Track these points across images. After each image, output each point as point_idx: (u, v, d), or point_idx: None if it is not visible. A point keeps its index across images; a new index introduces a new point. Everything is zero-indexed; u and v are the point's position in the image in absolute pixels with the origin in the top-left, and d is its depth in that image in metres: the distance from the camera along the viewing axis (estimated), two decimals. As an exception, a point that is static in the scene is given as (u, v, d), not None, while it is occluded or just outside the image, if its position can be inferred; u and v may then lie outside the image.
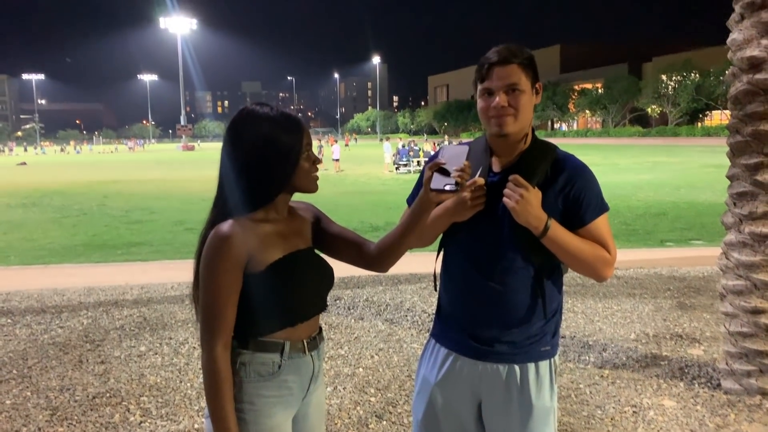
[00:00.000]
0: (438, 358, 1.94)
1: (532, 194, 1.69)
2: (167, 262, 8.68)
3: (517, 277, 1.81)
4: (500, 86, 1.75)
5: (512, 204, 1.68)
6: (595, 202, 1.81)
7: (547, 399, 1.85)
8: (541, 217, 1.70)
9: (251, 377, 1.66)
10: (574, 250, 1.75)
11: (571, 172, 1.80)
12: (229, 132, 1.69)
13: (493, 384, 1.85)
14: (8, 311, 5.93)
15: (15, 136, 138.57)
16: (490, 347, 1.84)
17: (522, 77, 1.76)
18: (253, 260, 1.62)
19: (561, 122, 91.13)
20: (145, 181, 24.60)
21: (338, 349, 4.79)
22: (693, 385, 4.01)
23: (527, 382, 1.83)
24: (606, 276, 1.83)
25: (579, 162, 1.85)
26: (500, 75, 1.74)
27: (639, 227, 11.13)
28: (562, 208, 1.79)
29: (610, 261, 1.81)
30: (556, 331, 1.91)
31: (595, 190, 1.82)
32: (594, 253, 1.78)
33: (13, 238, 11.10)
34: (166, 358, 4.62)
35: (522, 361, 1.84)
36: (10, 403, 3.86)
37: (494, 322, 1.83)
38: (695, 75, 65.85)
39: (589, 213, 1.79)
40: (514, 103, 1.75)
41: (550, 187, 1.78)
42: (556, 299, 1.90)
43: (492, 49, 1.79)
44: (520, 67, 1.75)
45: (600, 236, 1.80)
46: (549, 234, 1.72)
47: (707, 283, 6.65)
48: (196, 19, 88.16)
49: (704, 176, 21.09)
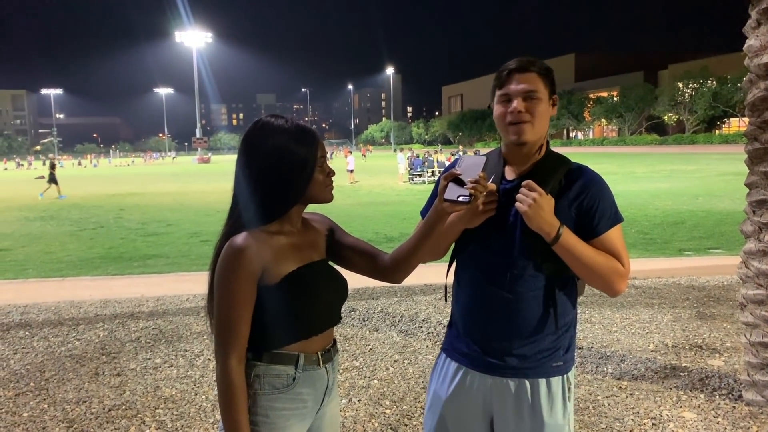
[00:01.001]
0: (449, 372, 1.91)
1: (544, 200, 1.67)
2: (183, 274, 8.72)
3: (528, 286, 1.77)
4: (518, 92, 1.75)
5: (524, 208, 1.67)
6: (609, 212, 1.78)
7: (559, 417, 1.81)
8: (554, 223, 1.68)
9: (265, 390, 1.66)
10: (587, 259, 1.71)
11: (585, 181, 1.78)
12: (243, 144, 1.69)
13: (504, 399, 1.82)
14: (26, 324, 5.98)
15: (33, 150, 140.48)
16: (500, 361, 1.81)
17: (540, 85, 1.76)
18: (268, 272, 1.62)
19: (577, 131, 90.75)
20: (161, 194, 24.80)
21: (353, 360, 4.77)
22: (714, 396, 3.94)
23: (538, 399, 1.79)
24: (619, 290, 1.78)
25: (593, 172, 1.83)
26: (519, 81, 1.75)
27: (657, 236, 11.02)
28: (575, 217, 1.76)
29: (624, 273, 1.77)
30: (570, 347, 1.86)
31: (609, 200, 1.79)
32: (607, 264, 1.74)
33: (31, 250, 11.22)
34: (182, 371, 4.62)
35: (533, 377, 1.80)
36: (27, 416, 3.88)
37: (505, 334, 1.80)
38: (712, 82, 65.39)
39: (602, 223, 1.76)
40: (532, 110, 1.74)
41: (563, 195, 1.76)
42: (570, 313, 1.86)
43: (513, 60, 1.80)
44: (539, 75, 1.76)
45: (613, 248, 1.77)
46: (561, 241, 1.68)
47: (727, 293, 6.55)
48: (211, 33, 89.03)
49: (722, 184, 20.86)
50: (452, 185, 1.65)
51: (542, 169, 1.79)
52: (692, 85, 67.11)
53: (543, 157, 1.82)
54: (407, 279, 1.85)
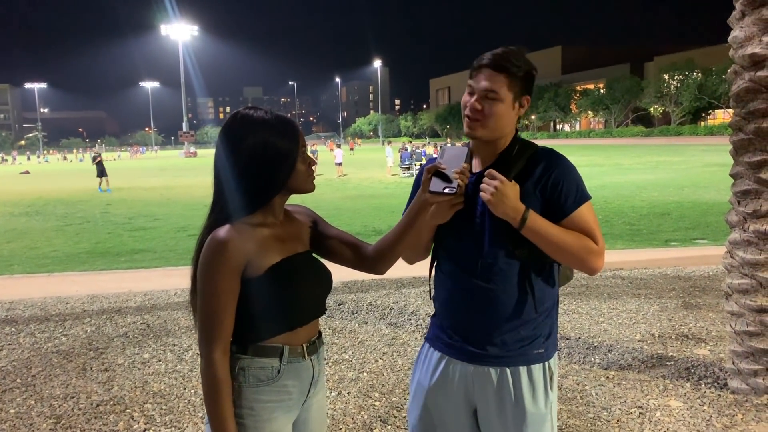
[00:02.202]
0: (432, 361, 1.93)
1: (507, 186, 1.68)
2: (170, 269, 8.68)
3: (503, 274, 1.78)
4: (479, 89, 1.74)
5: (487, 196, 1.68)
6: (575, 191, 1.77)
7: (541, 406, 1.82)
8: (518, 207, 1.69)
9: (250, 382, 1.65)
10: (557, 240, 1.71)
11: (547, 163, 1.78)
12: (224, 137, 1.68)
13: (486, 388, 1.83)
14: (12, 320, 5.93)
15: (18, 145, 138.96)
16: (482, 350, 1.82)
17: (504, 88, 1.74)
18: (251, 264, 1.62)
19: (563, 123, 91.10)
20: (148, 188, 24.64)
21: (342, 353, 4.77)
22: (699, 385, 3.98)
23: (520, 388, 1.80)
24: (596, 267, 1.77)
25: (557, 153, 1.82)
26: (485, 78, 1.74)
27: (643, 227, 11.10)
28: (541, 199, 1.76)
29: (598, 251, 1.76)
30: (551, 334, 1.87)
31: (575, 179, 1.78)
32: (579, 243, 1.73)
33: (16, 246, 11.12)
34: (170, 365, 4.61)
35: (514, 365, 1.81)
36: (14, 412, 3.85)
37: (484, 323, 1.82)
38: (697, 74, 65.81)
39: (569, 203, 1.76)
40: (487, 110, 1.74)
41: (528, 179, 1.77)
42: (549, 298, 1.86)
43: (495, 50, 1.77)
44: (508, 77, 1.73)
45: (585, 226, 1.76)
46: (528, 224, 1.69)
47: (712, 282, 6.61)
48: (197, 26, 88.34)
49: (708, 175, 21.05)
50: (436, 178, 1.67)
51: (506, 158, 1.81)
52: (678, 77, 67.53)
53: (508, 146, 1.83)
54: (396, 272, 1.87)
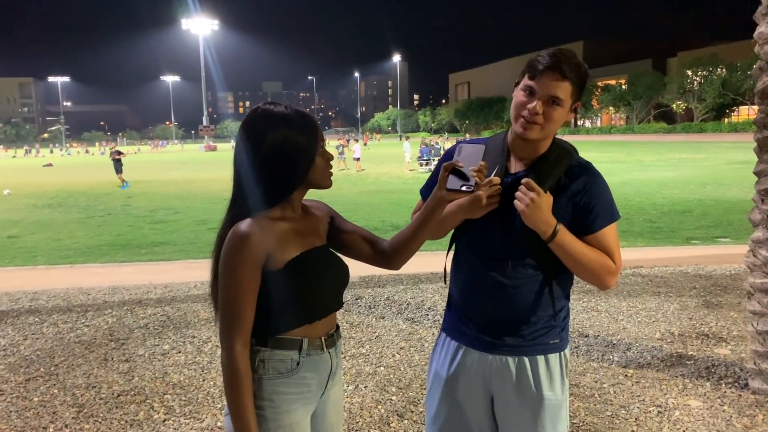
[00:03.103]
0: (449, 351, 1.96)
1: (542, 199, 1.70)
2: (190, 262, 8.76)
3: (526, 274, 1.83)
4: (544, 94, 1.73)
5: (522, 207, 1.70)
6: (606, 210, 1.81)
7: (558, 392, 1.88)
8: (550, 222, 1.72)
9: (270, 374, 1.68)
10: (581, 257, 1.77)
11: (585, 179, 1.81)
12: (244, 132, 1.69)
13: (504, 377, 1.87)
14: (36, 310, 6.04)
15: (41, 138, 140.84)
16: (500, 340, 1.87)
17: (567, 95, 1.74)
18: (271, 258, 1.63)
19: (584, 119, 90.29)
20: (169, 182, 24.87)
21: (359, 347, 4.79)
22: (720, 385, 3.94)
23: (538, 375, 1.85)
24: (609, 285, 1.84)
25: (594, 170, 1.85)
26: (548, 83, 1.71)
27: (664, 225, 10.98)
28: (572, 213, 1.80)
29: (615, 270, 1.82)
30: (565, 327, 1.93)
31: (607, 199, 1.83)
32: (600, 261, 1.79)
33: (40, 238, 11.29)
34: (190, 357, 4.66)
35: (532, 354, 1.86)
36: (37, 401, 3.93)
37: (503, 316, 1.86)
38: (722, 70, 64.87)
39: (598, 221, 1.80)
40: (548, 115, 1.74)
41: (562, 192, 1.80)
42: (566, 296, 1.93)
43: (554, 50, 1.75)
44: (571, 85, 1.74)
45: (607, 245, 1.81)
46: (557, 239, 1.74)
47: (734, 282, 6.53)
48: (217, 20, 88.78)
49: (731, 173, 20.75)
50: (453, 175, 1.68)
51: (544, 164, 1.81)
52: (701, 73, 66.62)
53: (546, 151, 1.84)
54: (413, 267, 1.89)
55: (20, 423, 3.62)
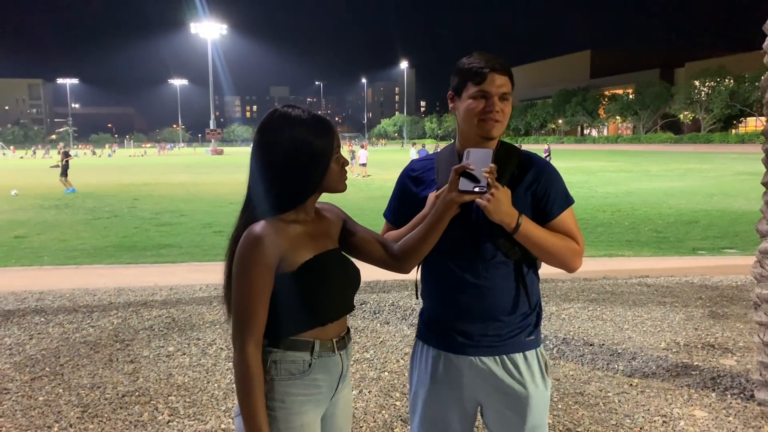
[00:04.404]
0: (429, 359, 1.99)
1: (502, 193, 1.75)
2: (196, 264, 8.78)
3: (499, 272, 1.89)
4: (497, 92, 1.84)
5: (484, 203, 1.74)
6: (561, 196, 1.92)
7: (541, 387, 1.93)
8: (513, 213, 1.77)
9: (282, 375, 1.68)
10: (546, 243, 1.83)
11: (537, 169, 1.91)
12: (260, 134, 1.71)
13: (486, 377, 1.91)
14: (42, 310, 6.06)
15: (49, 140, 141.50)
16: (477, 342, 1.90)
17: (510, 87, 1.87)
18: (285, 261, 1.64)
19: (591, 128, 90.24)
20: (175, 185, 24.94)
21: (363, 352, 4.79)
22: (725, 395, 3.92)
23: (519, 371, 1.90)
24: (576, 266, 1.92)
25: (542, 160, 1.95)
26: (498, 82, 1.83)
27: (670, 235, 10.96)
28: (531, 203, 1.89)
29: (579, 251, 1.91)
30: (538, 323, 1.99)
31: (560, 185, 1.93)
32: (565, 245, 1.87)
33: (46, 238, 11.34)
34: (194, 359, 4.67)
35: (510, 352, 1.91)
36: (42, 400, 3.94)
37: (480, 317, 1.90)
38: (729, 80, 64.78)
39: (556, 207, 1.90)
40: (504, 111, 1.86)
41: (519, 184, 1.88)
42: (537, 291, 1.99)
43: (477, 55, 1.87)
44: (509, 78, 1.87)
45: (568, 228, 1.90)
46: (521, 230, 1.79)
47: (740, 293, 6.51)
48: (225, 24, 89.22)
49: (738, 184, 20.69)
50: (464, 177, 1.73)
51: (498, 162, 1.87)
52: (709, 84, 66.55)
53: (496, 149, 1.92)
54: (411, 270, 1.91)
55: (25, 422, 3.63)
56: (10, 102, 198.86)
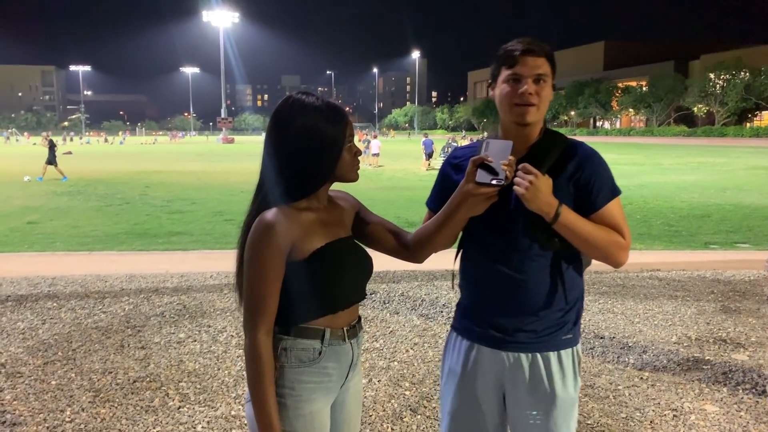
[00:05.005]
0: (462, 349, 1.96)
1: (541, 181, 1.70)
2: (207, 252, 8.81)
3: (536, 265, 1.82)
4: (530, 74, 1.77)
5: (522, 191, 1.70)
6: (607, 186, 1.83)
7: (571, 389, 1.87)
8: (552, 202, 1.71)
9: (292, 363, 1.69)
10: (587, 235, 1.76)
11: (581, 158, 1.83)
12: (273, 121, 1.70)
13: (516, 374, 1.87)
14: (54, 295, 6.11)
15: (61, 126, 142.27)
16: (511, 336, 1.86)
17: (549, 70, 1.80)
18: (296, 248, 1.64)
19: (604, 120, 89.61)
20: (186, 172, 25.03)
21: (373, 342, 4.80)
22: (737, 390, 3.90)
23: (551, 372, 1.85)
24: (621, 261, 1.83)
25: (589, 148, 1.87)
26: (531, 64, 1.77)
27: (682, 228, 10.88)
28: (573, 193, 1.81)
29: (625, 246, 1.82)
30: (577, 320, 1.92)
31: (606, 174, 1.84)
32: (608, 238, 1.79)
33: (59, 225, 11.41)
34: (205, 346, 4.69)
35: (544, 350, 1.85)
36: (55, 384, 3.98)
37: (515, 311, 1.85)
38: (745, 74, 64.04)
39: (600, 198, 1.81)
40: (540, 94, 1.78)
41: (561, 173, 1.81)
42: (578, 287, 1.91)
43: (515, 40, 1.82)
44: (546, 59, 1.79)
45: (613, 221, 1.81)
46: (560, 219, 1.72)
47: (753, 287, 6.46)
48: (238, 13, 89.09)
49: (752, 178, 20.50)
50: (482, 169, 1.70)
51: (539, 150, 1.83)
52: (724, 77, 65.81)
53: (539, 138, 1.86)
54: (428, 263, 1.89)
55: (38, 405, 3.67)
56: (24, 88, 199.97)
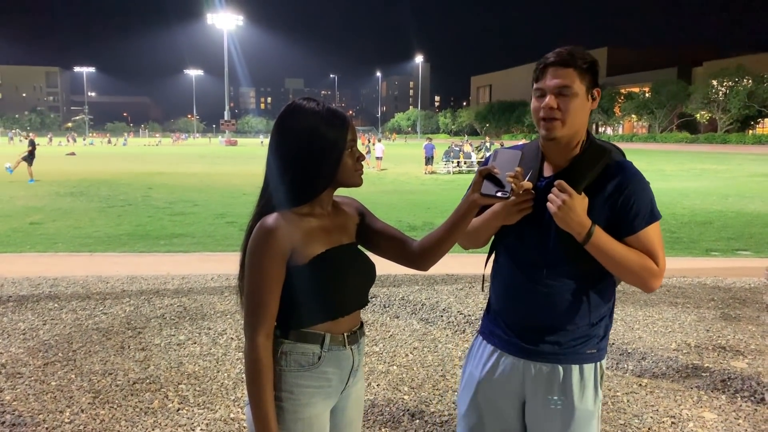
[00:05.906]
0: (484, 354, 1.95)
1: (575, 200, 1.67)
2: (208, 254, 8.83)
3: (563, 281, 1.80)
4: (551, 87, 1.72)
5: (554, 209, 1.68)
6: (646, 210, 1.76)
7: (590, 403, 1.84)
8: (584, 223, 1.69)
9: (291, 367, 1.69)
10: (619, 258, 1.72)
11: (621, 179, 1.77)
12: (276, 126, 1.72)
13: (537, 383, 1.85)
14: (55, 296, 6.13)
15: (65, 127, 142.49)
16: (535, 346, 1.84)
17: (576, 80, 1.72)
18: (296, 253, 1.65)
19: (606, 126, 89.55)
20: (189, 174, 25.07)
21: (373, 346, 4.81)
22: (735, 398, 3.90)
23: (571, 384, 1.82)
24: (653, 287, 1.79)
25: (633, 169, 1.80)
26: (554, 76, 1.72)
27: (684, 235, 10.87)
28: (609, 214, 1.76)
29: (658, 273, 1.76)
30: (605, 336, 1.89)
31: (647, 198, 1.77)
32: (640, 263, 1.74)
33: (61, 225, 11.44)
34: (205, 348, 4.70)
35: (567, 363, 1.83)
36: (55, 385, 3.99)
37: (540, 324, 1.83)
38: (748, 81, 64.05)
39: (638, 221, 1.75)
40: (563, 107, 1.72)
41: (599, 192, 1.76)
42: (605, 306, 1.88)
43: (555, 50, 1.76)
44: (576, 70, 1.72)
45: (649, 246, 1.76)
46: (592, 241, 1.70)
47: (753, 295, 6.46)
48: (242, 16, 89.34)
49: (754, 185, 20.48)
50: (488, 180, 1.67)
51: (579, 165, 1.78)
52: (727, 83, 65.80)
53: (581, 152, 1.81)
54: (430, 268, 1.87)
55: (37, 406, 3.68)
56: (28, 89, 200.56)
